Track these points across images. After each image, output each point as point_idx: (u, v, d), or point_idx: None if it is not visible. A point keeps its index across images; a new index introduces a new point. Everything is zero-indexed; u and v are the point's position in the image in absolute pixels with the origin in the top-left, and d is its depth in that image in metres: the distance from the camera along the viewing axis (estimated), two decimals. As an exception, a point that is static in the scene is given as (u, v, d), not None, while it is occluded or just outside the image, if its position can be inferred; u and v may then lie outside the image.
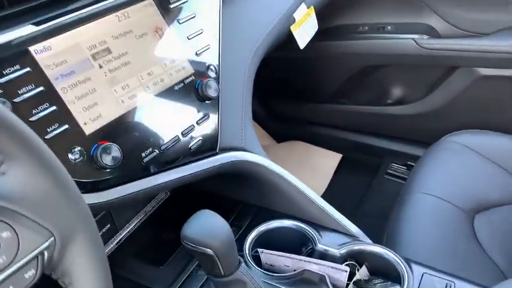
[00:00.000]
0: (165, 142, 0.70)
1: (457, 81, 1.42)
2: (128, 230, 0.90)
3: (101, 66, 0.66)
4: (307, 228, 0.81)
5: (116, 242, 0.87)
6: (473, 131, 1.31)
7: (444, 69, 1.44)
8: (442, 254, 0.97)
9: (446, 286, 0.69)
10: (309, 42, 1.18)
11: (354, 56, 1.53)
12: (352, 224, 0.83)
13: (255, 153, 0.85)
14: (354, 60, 1.55)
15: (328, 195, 1.54)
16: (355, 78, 1.59)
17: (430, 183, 1.16)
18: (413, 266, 0.73)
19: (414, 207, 1.10)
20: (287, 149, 1.83)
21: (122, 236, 0.88)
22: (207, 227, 0.60)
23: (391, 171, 1.62)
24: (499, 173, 1.18)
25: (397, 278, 0.72)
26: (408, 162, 1.60)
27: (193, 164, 0.75)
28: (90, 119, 0.63)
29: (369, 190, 1.59)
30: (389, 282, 0.69)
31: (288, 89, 1.80)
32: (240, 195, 0.91)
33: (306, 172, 1.64)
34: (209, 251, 0.59)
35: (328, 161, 1.73)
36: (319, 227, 0.82)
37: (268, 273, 0.73)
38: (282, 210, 0.86)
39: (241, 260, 0.65)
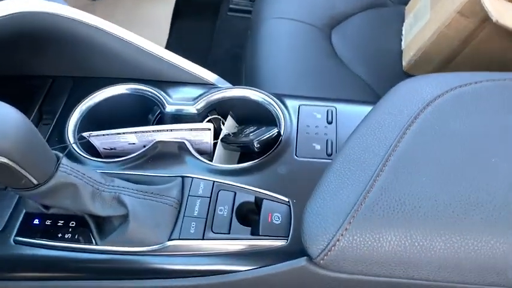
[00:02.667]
0: None
1: None
2: None
3: None
4: (147, 88, 0.61)
5: None
6: None
7: None
8: (308, 79, 0.86)
9: (327, 113, 0.58)
10: None
11: None
12: (206, 71, 0.64)
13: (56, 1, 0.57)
14: None
15: (169, 48, 1.31)
16: None
17: (279, 6, 1.00)
18: (286, 100, 0.60)
19: (269, 36, 0.95)
20: (110, 6, 1.48)
21: None
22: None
23: (233, 6, 1.42)
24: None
25: (271, 119, 0.59)
26: (251, -7, 1.41)
27: None
28: None
29: (215, 33, 1.40)
30: (263, 128, 0.55)
31: None
32: (45, 69, 0.64)
33: (138, 27, 1.36)
34: (0, 159, 0.38)
35: (161, 9, 1.45)
36: (163, 84, 0.62)
37: (107, 160, 0.53)
38: (110, 75, 0.63)
39: (60, 155, 0.44)
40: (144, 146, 0.55)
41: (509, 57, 0.83)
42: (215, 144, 0.58)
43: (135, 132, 0.54)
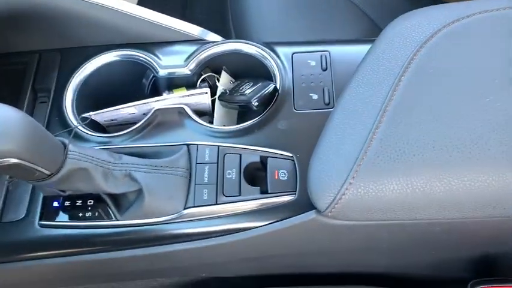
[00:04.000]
0: None
1: None
2: None
3: None
4: (137, 53, 0.60)
5: None
6: None
7: None
8: (299, 18, 0.83)
9: (321, 59, 0.57)
10: None
11: None
12: (194, 26, 0.62)
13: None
14: None
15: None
16: None
17: None
18: (279, 49, 0.59)
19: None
20: None
21: None
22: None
23: None
24: None
25: (265, 71, 0.58)
26: None
27: None
28: None
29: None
30: (259, 84, 0.55)
31: None
32: (31, 44, 0.63)
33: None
34: (10, 160, 0.40)
35: None
36: (151, 46, 0.61)
37: (111, 135, 0.54)
38: (96, 43, 0.61)
39: (66, 141, 0.45)
40: (144, 114, 0.56)
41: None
42: (213, 102, 0.59)
43: (134, 105, 0.54)
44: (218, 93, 0.59)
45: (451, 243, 0.52)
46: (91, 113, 0.55)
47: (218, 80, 0.60)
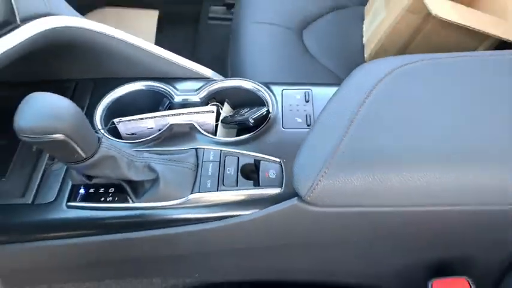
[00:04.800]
0: None
1: None
2: None
3: None
4: (158, 84, 0.74)
5: None
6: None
7: None
8: (285, 73, 1.01)
9: (305, 94, 0.72)
10: None
11: None
12: (204, 67, 0.78)
13: (68, 15, 0.70)
14: None
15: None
16: None
17: (257, 12, 1.15)
18: (272, 86, 0.74)
19: (250, 38, 1.10)
20: (97, 19, 1.60)
21: None
22: (46, 109, 0.49)
23: (212, 15, 1.57)
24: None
25: (260, 102, 0.73)
26: (226, 1, 1.56)
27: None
28: None
29: (197, 36, 1.54)
30: (255, 108, 0.69)
31: None
32: (70, 73, 0.77)
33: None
34: (59, 136, 0.49)
35: (146, 20, 1.58)
36: (170, 80, 0.75)
37: (132, 141, 0.67)
38: (124, 75, 0.76)
39: (100, 135, 0.56)
40: (159, 130, 0.69)
41: (451, 45, 0.99)
42: (216, 126, 0.72)
43: (154, 116, 0.67)
44: (221, 117, 0.73)
45: (410, 236, 0.63)
46: (116, 119, 0.67)
47: (221, 109, 0.74)
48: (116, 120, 0.68)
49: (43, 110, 0.49)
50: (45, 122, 0.49)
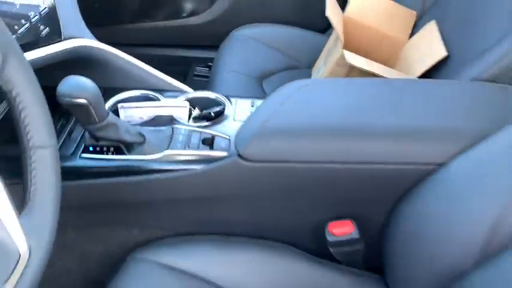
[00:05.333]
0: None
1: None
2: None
3: None
4: (151, 93, 1.06)
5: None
6: (254, 25, 1.70)
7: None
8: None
9: (251, 102, 1.05)
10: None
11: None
12: (184, 85, 1.11)
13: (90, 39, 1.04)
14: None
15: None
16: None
17: (231, 63, 1.52)
18: (231, 98, 1.06)
19: (223, 83, 1.45)
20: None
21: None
22: (77, 84, 0.79)
23: (197, 73, 1.94)
24: (276, 53, 1.61)
25: (219, 105, 1.05)
26: (209, 64, 1.93)
27: (43, 49, 0.90)
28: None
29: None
30: (215, 107, 1.00)
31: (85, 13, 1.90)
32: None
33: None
34: (83, 100, 0.78)
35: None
36: (160, 91, 1.07)
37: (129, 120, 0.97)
38: (126, 86, 1.08)
39: (108, 110, 0.86)
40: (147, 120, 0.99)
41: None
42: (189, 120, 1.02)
43: (146, 106, 0.98)
44: (192, 115, 1.03)
45: (320, 192, 0.90)
46: (123, 104, 0.98)
47: (193, 111, 1.05)
48: (119, 105, 0.98)
49: (74, 83, 0.80)
50: (75, 90, 0.79)
